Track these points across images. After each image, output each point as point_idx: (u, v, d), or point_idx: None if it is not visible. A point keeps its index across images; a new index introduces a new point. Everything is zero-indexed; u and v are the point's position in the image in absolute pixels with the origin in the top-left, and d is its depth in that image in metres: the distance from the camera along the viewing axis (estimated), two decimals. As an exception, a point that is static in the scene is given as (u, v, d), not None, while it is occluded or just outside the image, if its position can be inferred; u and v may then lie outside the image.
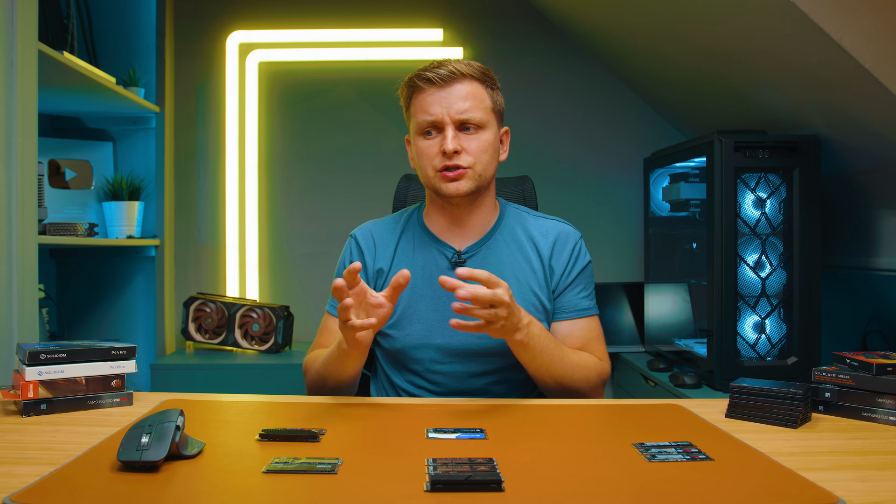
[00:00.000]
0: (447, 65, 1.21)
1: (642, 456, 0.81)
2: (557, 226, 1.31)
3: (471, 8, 2.55)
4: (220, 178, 2.54)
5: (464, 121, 1.19)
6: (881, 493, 0.72)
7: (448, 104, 1.19)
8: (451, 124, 1.19)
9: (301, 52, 2.53)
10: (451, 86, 1.20)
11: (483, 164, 1.21)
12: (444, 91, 1.20)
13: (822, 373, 1.06)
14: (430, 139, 1.22)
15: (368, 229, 1.35)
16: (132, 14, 2.45)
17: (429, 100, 1.20)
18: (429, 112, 1.20)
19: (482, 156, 1.21)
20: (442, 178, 1.20)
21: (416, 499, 0.68)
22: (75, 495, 0.68)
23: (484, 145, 1.21)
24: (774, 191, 1.86)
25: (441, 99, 1.20)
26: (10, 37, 1.40)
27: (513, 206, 1.36)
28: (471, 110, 1.19)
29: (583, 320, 1.27)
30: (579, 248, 1.30)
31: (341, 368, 1.13)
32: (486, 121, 1.21)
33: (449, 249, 1.28)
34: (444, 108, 1.19)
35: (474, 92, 1.21)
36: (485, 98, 1.22)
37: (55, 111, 2.33)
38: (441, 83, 1.20)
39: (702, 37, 1.87)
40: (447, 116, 1.19)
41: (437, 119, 1.19)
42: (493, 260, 1.27)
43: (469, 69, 1.21)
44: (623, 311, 2.56)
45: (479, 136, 1.21)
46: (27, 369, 0.98)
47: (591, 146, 2.59)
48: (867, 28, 1.45)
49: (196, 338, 2.34)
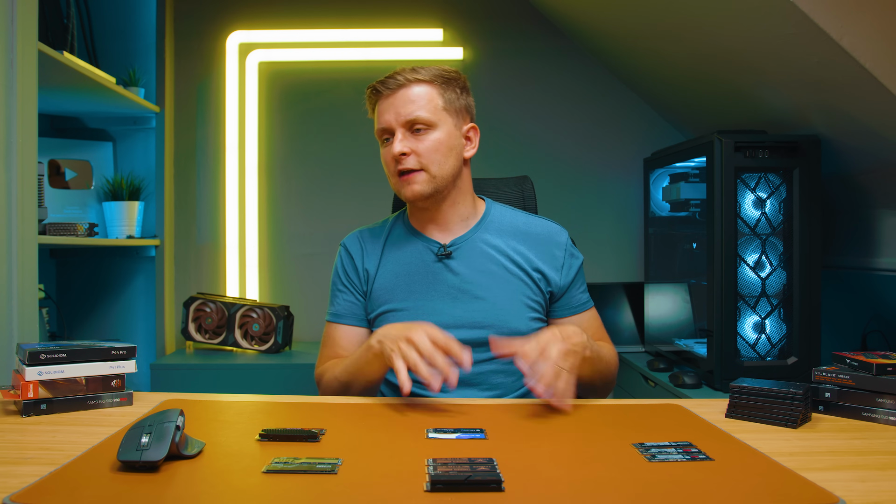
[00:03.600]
0: (398, 73, 1.24)
1: (642, 456, 0.81)
2: (546, 224, 1.34)
3: (471, 8, 2.55)
4: (220, 178, 2.54)
5: (411, 121, 1.22)
6: (881, 493, 0.72)
7: (395, 109, 1.23)
8: (400, 127, 1.22)
9: (301, 52, 2.53)
10: (398, 91, 1.23)
11: (437, 162, 1.23)
12: (392, 97, 1.23)
13: (822, 373, 1.06)
14: (387, 146, 1.25)
15: (356, 235, 1.37)
16: (132, 14, 2.45)
17: (381, 108, 1.25)
18: (380, 120, 1.25)
19: (433, 155, 1.22)
20: (399, 182, 1.24)
21: (416, 499, 0.68)
22: (75, 495, 0.68)
23: (434, 144, 1.22)
24: (774, 191, 1.86)
25: (389, 105, 1.23)
26: (10, 37, 1.40)
27: (499, 204, 1.38)
28: (416, 111, 1.22)
29: (587, 313, 1.33)
30: (571, 247, 1.33)
31: (367, 376, 1.15)
32: (433, 120, 1.23)
33: (434, 244, 1.29)
34: (392, 115, 1.23)
35: (422, 93, 1.23)
36: (434, 98, 1.24)
37: (55, 111, 2.33)
38: (388, 91, 1.24)
39: (702, 37, 1.87)
40: (395, 121, 1.22)
41: (387, 126, 1.23)
42: (479, 252, 1.28)
43: (417, 74, 1.24)
44: (623, 311, 2.56)
45: (429, 136, 1.23)
46: (27, 369, 0.98)
47: (591, 146, 2.59)
48: (867, 28, 1.45)
49: (196, 338, 2.34)
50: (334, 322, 1.32)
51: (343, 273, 1.34)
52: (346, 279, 1.33)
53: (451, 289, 1.26)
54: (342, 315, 1.32)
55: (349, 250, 1.34)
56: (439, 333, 1.04)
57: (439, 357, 1.01)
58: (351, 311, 1.31)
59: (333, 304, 1.34)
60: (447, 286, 1.26)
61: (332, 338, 1.32)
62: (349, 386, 1.19)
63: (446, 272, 1.27)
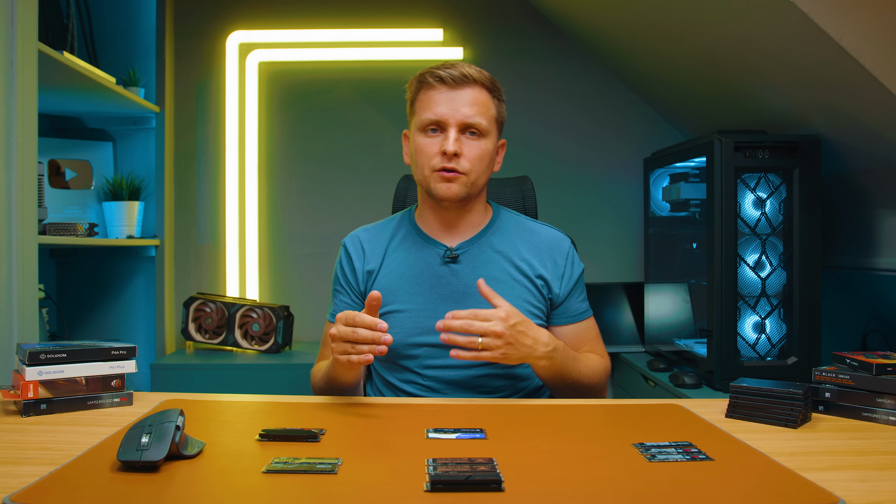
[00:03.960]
0: (460, 67, 1.21)
1: (642, 456, 0.81)
2: (550, 232, 1.34)
3: (471, 8, 2.55)
4: (220, 178, 2.54)
5: (468, 125, 1.20)
6: (881, 493, 0.72)
7: (455, 106, 1.19)
8: (455, 126, 1.19)
9: (301, 52, 2.52)
10: (461, 88, 1.20)
11: (478, 172, 1.22)
12: (454, 92, 1.20)
13: (822, 373, 1.06)
14: (431, 137, 1.22)
15: (357, 235, 1.36)
16: (132, 14, 2.45)
17: (437, 98, 1.21)
18: (434, 111, 1.20)
19: (478, 164, 1.22)
20: (438, 177, 1.21)
21: (416, 499, 0.68)
22: (75, 495, 0.68)
23: (482, 153, 1.22)
24: (774, 191, 1.86)
25: (449, 99, 1.20)
26: (10, 37, 1.40)
27: (506, 210, 1.38)
28: (476, 115, 1.20)
29: (584, 322, 1.31)
30: (574, 255, 1.33)
31: (342, 380, 1.16)
32: (488, 129, 1.22)
33: (441, 247, 1.28)
34: (450, 109, 1.19)
35: (482, 99, 1.21)
36: (490, 107, 1.23)
37: (55, 111, 2.33)
38: (452, 84, 1.20)
39: (702, 37, 1.87)
40: (452, 118, 1.19)
41: (441, 118, 1.20)
42: (486, 258, 1.28)
43: (480, 76, 1.22)
44: (623, 311, 2.56)
45: (480, 144, 1.21)
46: (27, 369, 0.98)
47: (591, 146, 2.59)
48: (867, 28, 1.45)
49: (196, 338, 2.34)
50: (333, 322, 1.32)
51: (341, 274, 1.33)
52: (343, 281, 1.33)
53: (455, 293, 1.25)
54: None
55: (349, 251, 1.34)
56: (348, 317, 1.03)
57: (361, 332, 1.02)
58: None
59: (333, 303, 1.34)
60: (451, 290, 1.25)
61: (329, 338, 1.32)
62: (332, 390, 1.20)
63: (451, 276, 1.26)
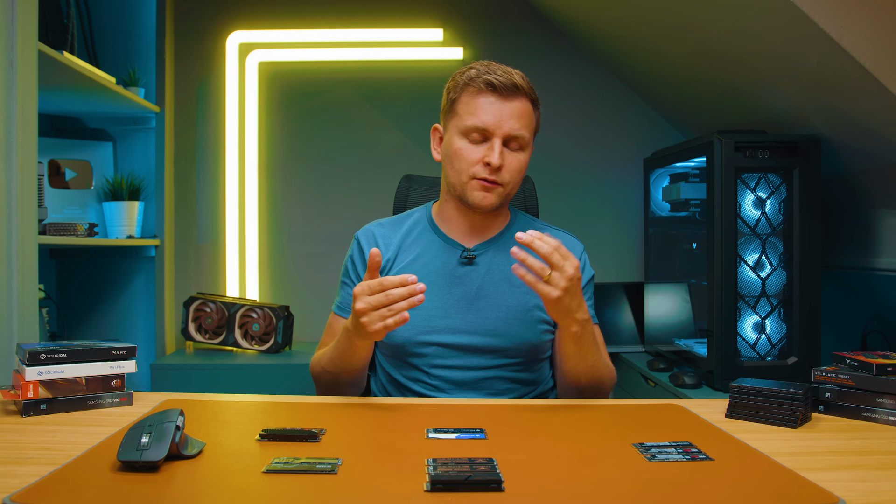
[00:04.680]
0: (510, 75, 1.19)
1: (642, 456, 0.81)
2: (564, 237, 1.34)
3: (471, 8, 2.55)
4: (220, 178, 2.54)
5: (513, 137, 1.19)
6: (881, 493, 0.72)
7: (503, 117, 1.18)
8: (500, 137, 1.18)
9: (301, 52, 2.53)
10: (512, 100, 1.19)
11: (514, 183, 1.23)
12: (504, 103, 1.18)
13: (822, 373, 1.06)
14: (472, 143, 1.20)
15: (371, 228, 1.35)
16: (132, 14, 2.45)
17: (485, 105, 1.18)
18: (481, 118, 1.18)
19: (517, 176, 1.22)
20: (478, 185, 1.20)
21: (416, 499, 0.68)
22: (75, 495, 0.68)
23: (521, 166, 1.22)
24: (774, 191, 1.86)
25: (498, 109, 1.18)
26: (10, 37, 1.40)
27: (522, 213, 1.38)
28: (521, 129, 1.19)
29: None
30: (584, 261, 1.32)
31: (351, 359, 1.14)
32: (528, 142, 1.22)
33: (458, 247, 1.28)
34: (498, 120, 1.18)
35: (528, 111, 1.21)
36: (533, 119, 1.23)
37: (55, 111, 2.33)
38: (503, 93, 1.18)
39: (702, 37, 1.87)
40: (499, 129, 1.18)
41: (488, 128, 1.18)
42: (500, 260, 1.27)
43: (528, 87, 1.21)
44: (623, 311, 2.56)
45: (520, 157, 1.21)
46: (27, 369, 0.98)
47: (591, 146, 2.59)
48: (867, 28, 1.45)
49: (196, 338, 2.34)
50: (339, 314, 1.31)
51: (352, 267, 1.33)
52: (353, 274, 1.32)
53: (468, 294, 1.25)
54: (346, 308, 1.31)
55: (361, 244, 1.33)
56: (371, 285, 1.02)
57: (394, 292, 1.00)
58: None
59: (340, 294, 1.33)
60: (465, 291, 1.25)
61: (333, 328, 1.31)
62: (337, 376, 1.19)
63: (466, 277, 1.26)
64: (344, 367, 1.17)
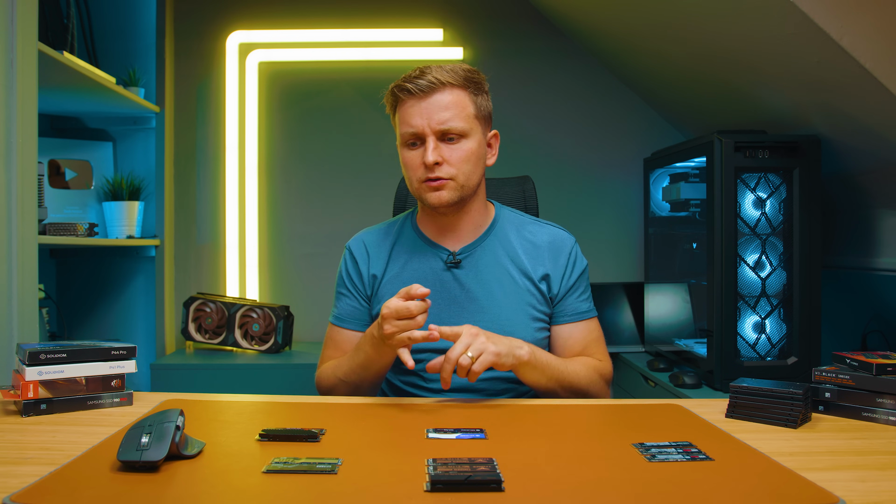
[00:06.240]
0: (428, 73, 1.19)
1: (642, 456, 0.81)
2: (553, 231, 1.32)
3: (471, 8, 2.55)
4: (220, 178, 2.54)
5: (444, 131, 1.18)
6: (881, 493, 0.72)
7: (428, 115, 1.18)
8: (432, 135, 1.18)
9: (301, 52, 2.52)
10: (432, 96, 1.18)
11: (465, 173, 1.21)
12: (425, 101, 1.18)
13: (822, 373, 1.06)
14: (413, 150, 1.21)
15: (361, 238, 1.36)
16: (132, 14, 2.45)
17: (410, 111, 1.19)
18: (410, 124, 1.19)
19: (464, 165, 1.20)
20: (427, 187, 1.20)
21: (416, 499, 0.68)
22: (75, 495, 0.68)
23: (466, 155, 1.20)
24: (774, 191, 1.86)
25: (422, 110, 1.18)
26: (10, 37, 1.40)
27: (507, 209, 1.37)
28: (451, 120, 1.18)
29: (582, 323, 1.29)
30: (576, 253, 1.31)
31: (379, 363, 1.17)
32: (467, 129, 1.20)
33: (444, 252, 1.28)
34: (424, 120, 1.18)
35: (456, 100, 1.19)
36: (467, 105, 1.20)
37: (55, 111, 2.33)
38: (421, 94, 1.18)
39: (702, 37, 1.87)
40: (427, 128, 1.18)
41: (417, 131, 1.19)
42: (487, 261, 1.27)
43: (450, 76, 1.19)
44: (623, 311, 2.56)
45: (461, 146, 1.20)
46: (27, 369, 0.98)
47: (591, 146, 2.59)
48: (867, 28, 1.45)
49: (196, 338, 2.34)
50: (337, 325, 1.32)
51: (347, 277, 1.33)
52: (349, 284, 1.32)
53: (457, 298, 1.25)
54: (345, 319, 1.31)
55: (354, 255, 1.33)
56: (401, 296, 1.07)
57: (413, 306, 1.05)
58: (354, 315, 1.31)
59: (337, 306, 1.34)
60: (454, 295, 1.25)
61: (334, 340, 1.32)
62: (358, 385, 1.20)
63: (454, 281, 1.26)
64: (372, 371, 1.18)
